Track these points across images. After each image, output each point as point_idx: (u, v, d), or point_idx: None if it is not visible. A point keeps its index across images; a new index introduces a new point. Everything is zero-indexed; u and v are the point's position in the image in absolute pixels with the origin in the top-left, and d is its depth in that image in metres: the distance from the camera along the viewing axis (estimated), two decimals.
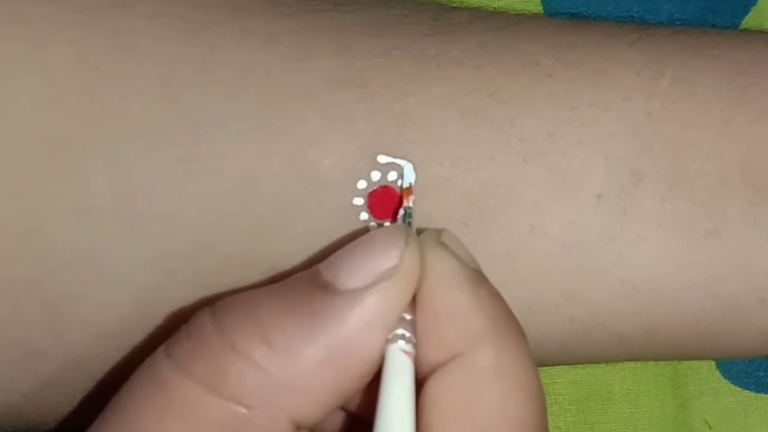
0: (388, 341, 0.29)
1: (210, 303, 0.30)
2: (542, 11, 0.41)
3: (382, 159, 0.32)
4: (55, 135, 0.31)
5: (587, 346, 0.34)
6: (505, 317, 0.30)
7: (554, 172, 0.32)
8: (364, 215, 0.32)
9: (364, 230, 0.32)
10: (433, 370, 0.29)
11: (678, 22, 0.40)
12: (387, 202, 0.32)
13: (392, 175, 0.32)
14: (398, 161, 0.32)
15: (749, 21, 0.42)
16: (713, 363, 0.42)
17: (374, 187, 0.32)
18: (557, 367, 0.41)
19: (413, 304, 0.30)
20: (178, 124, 0.31)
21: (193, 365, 0.29)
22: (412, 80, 0.32)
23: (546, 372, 0.41)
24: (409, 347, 0.29)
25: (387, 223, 0.32)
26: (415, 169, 0.32)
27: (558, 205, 0.32)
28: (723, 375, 0.42)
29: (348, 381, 0.29)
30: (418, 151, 0.32)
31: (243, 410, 0.28)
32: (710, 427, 0.41)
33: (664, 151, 0.33)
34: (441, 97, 0.32)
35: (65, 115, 0.31)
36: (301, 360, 0.28)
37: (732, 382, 0.42)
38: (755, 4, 0.41)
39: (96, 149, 0.31)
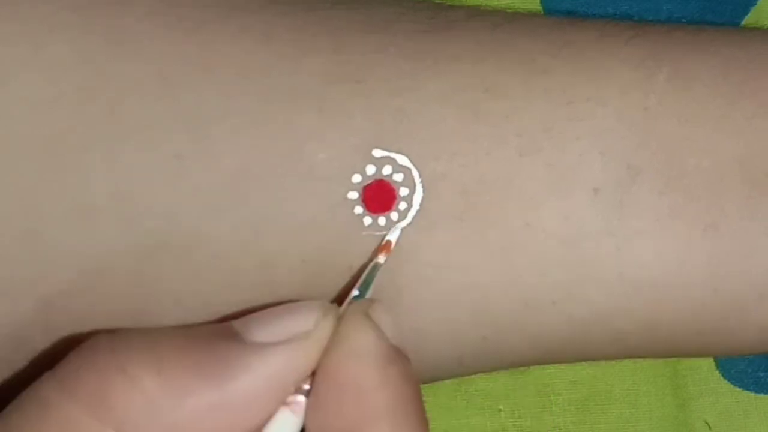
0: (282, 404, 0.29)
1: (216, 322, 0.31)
2: (541, 11, 0.41)
3: (378, 153, 0.32)
4: (54, 134, 0.31)
5: (586, 342, 0.34)
6: (409, 399, 0.29)
7: (551, 167, 0.32)
8: (359, 209, 0.32)
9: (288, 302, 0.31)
10: None
11: (677, 23, 0.40)
12: (381, 196, 0.32)
13: (387, 169, 0.32)
14: (393, 155, 0.32)
15: (749, 21, 0.42)
16: (713, 363, 0.42)
17: (369, 181, 0.32)
18: (556, 367, 0.41)
19: (312, 376, 0.30)
20: (175, 121, 0.31)
21: (77, 383, 0.28)
22: (409, 76, 0.32)
23: (546, 372, 0.41)
24: (297, 419, 0.29)
25: (382, 219, 0.32)
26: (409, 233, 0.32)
27: (555, 199, 0.32)
28: (723, 375, 0.41)
29: (234, 430, 0.29)
30: (415, 146, 0.32)
31: None
32: (710, 428, 0.41)
33: (661, 146, 0.33)
34: (438, 93, 0.32)
35: (64, 113, 0.31)
36: (192, 399, 0.28)
37: (732, 383, 0.41)
38: (755, 4, 0.41)
39: (95, 148, 0.31)
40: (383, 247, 0.32)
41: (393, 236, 0.32)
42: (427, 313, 0.33)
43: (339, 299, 0.32)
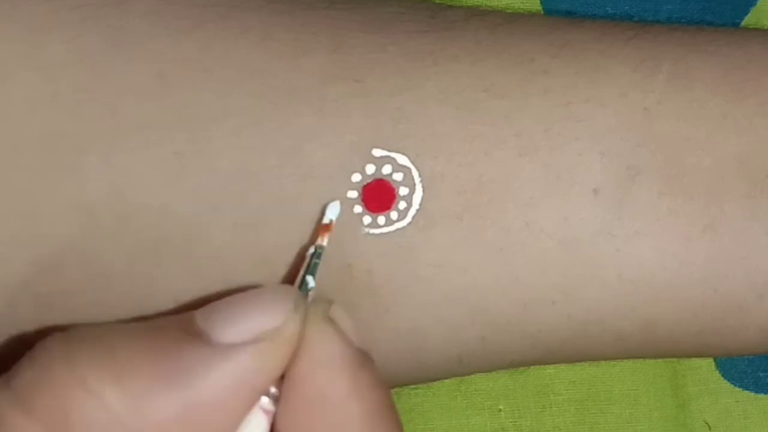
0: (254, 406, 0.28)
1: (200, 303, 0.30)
2: (541, 11, 0.41)
3: (377, 152, 0.32)
4: (52, 132, 0.31)
5: (585, 343, 0.34)
6: (384, 407, 0.29)
7: (550, 168, 0.32)
8: (358, 208, 0.32)
9: (251, 287, 0.30)
10: None
11: (677, 23, 0.40)
12: (381, 196, 0.32)
13: (387, 169, 0.32)
14: (393, 155, 0.32)
15: (749, 21, 0.42)
16: (713, 363, 0.42)
17: (368, 180, 0.32)
18: (556, 367, 0.41)
19: (281, 380, 0.28)
20: (174, 121, 0.31)
21: (34, 400, 0.26)
22: (408, 76, 0.32)
23: (545, 372, 0.41)
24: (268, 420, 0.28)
25: (381, 218, 0.32)
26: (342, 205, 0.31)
27: (554, 200, 0.32)
28: (723, 375, 0.41)
29: None
30: (414, 146, 0.32)
31: None
32: (710, 428, 0.41)
33: (660, 146, 0.33)
34: (437, 93, 0.32)
35: (62, 113, 0.31)
36: (156, 409, 0.26)
37: (731, 383, 0.41)
38: (755, 4, 0.41)
39: (92, 146, 0.31)
40: (324, 228, 0.31)
41: (333, 214, 0.31)
42: (426, 312, 0.33)
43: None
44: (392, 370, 0.32)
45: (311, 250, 0.31)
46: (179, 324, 0.28)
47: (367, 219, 0.32)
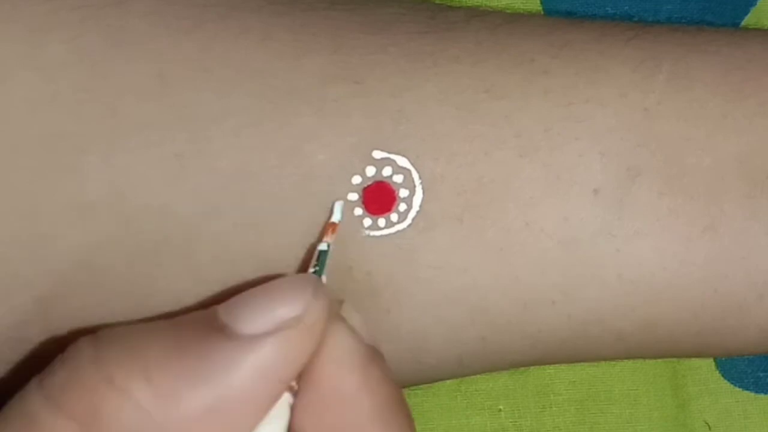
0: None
1: (214, 302, 0.30)
2: (541, 11, 0.41)
3: (378, 154, 0.32)
4: (51, 132, 0.31)
5: (585, 343, 0.34)
6: (395, 402, 0.29)
7: (550, 168, 0.32)
8: (359, 210, 0.32)
9: (272, 276, 0.30)
10: None
11: (677, 23, 0.41)
12: (381, 198, 0.32)
13: (387, 171, 0.32)
14: (393, 157, 0.32)
15: (749, 21, 0.42)
16: (713, 363, 0.42)
17: (369, 183, 0.32)
18: (556, 368, 0.41)
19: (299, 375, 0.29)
20: (174, 121, 0.31)
21: (65, 398, 0.27)
22: (408, 76, 0.32)
23: (545, 372, 0.41)
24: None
25: (382, 220, 0.32)
26: (339, 208, 0.32)
27: (554, 200, 0.32)
28: (723, 375, 0.41)
29: (233, 429, 0.28)
30: (414, 146, 0.32)
31: None
32: (710, 428, 0.41)
33: (660, 146, 0.33)
34: (437, 94, 0.32)
35: (62, 113, 0.31)
36: (185, 404, 0.27)
37: (731, 383, 0.41)
38: (755, 4, 0.41)
39: (93, 146, 0.31)
40: (333, 226, 0.31)
41: (336, 217, 0.31)
42: (426, 313, 0.33)
43: None
44: (393, 370, 0.32)
45: (322, 246, 0.31)
46: (203, 319, 0.28)
47: (367, 221, 0.32)
